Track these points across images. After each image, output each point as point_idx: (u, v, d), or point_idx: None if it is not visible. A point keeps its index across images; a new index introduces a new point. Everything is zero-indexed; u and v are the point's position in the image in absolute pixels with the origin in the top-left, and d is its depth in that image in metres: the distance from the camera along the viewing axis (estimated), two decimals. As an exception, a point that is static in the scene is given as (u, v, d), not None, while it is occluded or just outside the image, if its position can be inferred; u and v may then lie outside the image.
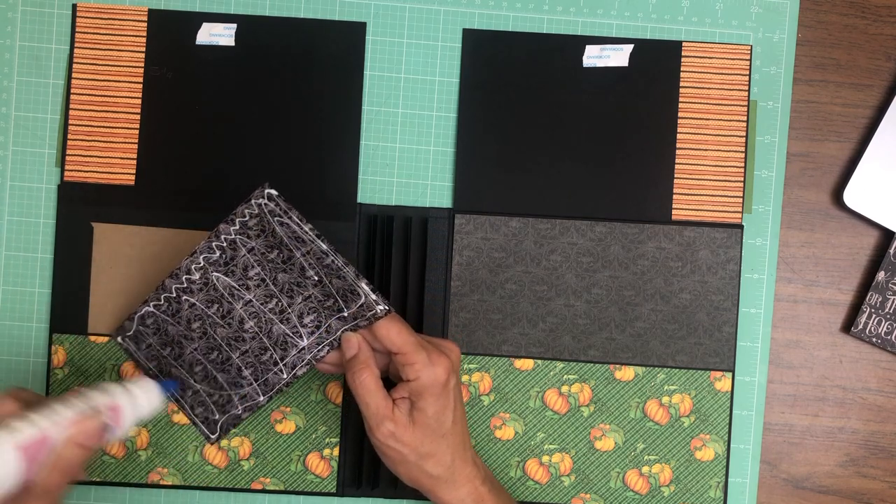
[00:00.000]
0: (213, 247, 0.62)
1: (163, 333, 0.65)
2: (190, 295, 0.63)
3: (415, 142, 0.72)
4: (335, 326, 0.62)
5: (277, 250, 0.62)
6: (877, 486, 0.73)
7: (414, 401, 0.60)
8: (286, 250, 0.61)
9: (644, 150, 0.72)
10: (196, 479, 0.71)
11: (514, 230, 0.71)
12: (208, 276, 0.63)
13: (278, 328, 0.63)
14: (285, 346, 0.63)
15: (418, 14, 0.72)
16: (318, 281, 0.61)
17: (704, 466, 0.72)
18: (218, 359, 0.64)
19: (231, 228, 0.62)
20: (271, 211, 0.61)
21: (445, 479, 0.62)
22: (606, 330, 0.72)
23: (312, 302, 0.62)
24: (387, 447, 0.60)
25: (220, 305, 0.63)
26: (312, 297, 0.62)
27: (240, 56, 0.71)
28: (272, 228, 0.61)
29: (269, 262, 0.62)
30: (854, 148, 0.74)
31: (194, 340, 0.64)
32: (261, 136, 0.71)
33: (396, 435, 0.60)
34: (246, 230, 0.62)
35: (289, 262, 0.62)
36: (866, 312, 0.72)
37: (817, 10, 0.74)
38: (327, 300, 0.62)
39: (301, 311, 0.62)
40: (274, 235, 0.61)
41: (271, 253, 0.62)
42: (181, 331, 0.64)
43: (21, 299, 0.71)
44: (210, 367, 0.64)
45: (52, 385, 0.70)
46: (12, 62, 0.71)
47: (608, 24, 0.73)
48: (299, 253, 0.61)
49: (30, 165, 0.71)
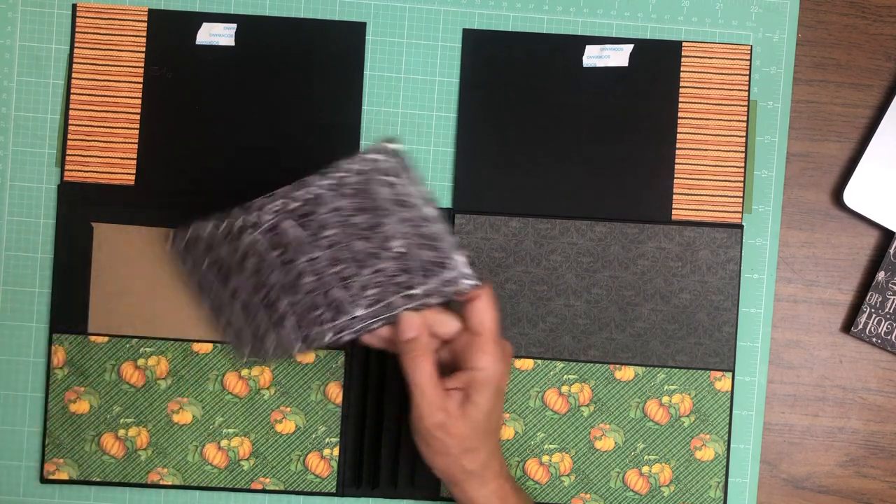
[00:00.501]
0: (295, 195, 0.58)
1: (213, 255, 0.61)
2: (254, 230, 0.59)
3: (415, 142, 0.72)
4: (397, 304, 0.59)
5: (367, 214, 0.58)
6: (877, 486, 0.73)
7: (470, 394, 0.58)
8: (378, 216, 0.58)
9: (644, 150, 0.72)
10: (196, 479, 0.71)
11: (514, 230, 0.71)
12: (280, 222, 0.59)
13: (337, 293, 0.60)
14: (338, 310, 0.60)
15: (418, 14, 0.72)
16: (403, 253, 0.58)
17: (704, 466, 0.72)
18: (264, 300, 0.61)
19: (322, 182, 0.58)
20: (385, 169, 0.57)
21: (478, 474, 0.60)
22: (606, 330, 0.72)
23: (381, 277, 0.59)
24: (433, 437, 0.58)
25: (283, 252, 0.59)
26: (384, 271, 0.59)
27: (240, 56, 0.71)
28: (374, 189, 0.57)
29: (349, 227, 0.59)
30: (854, 148, 0.74)
31: (244, 273, 0.60)
32: (261, 136, 0.71)
33: (447, 426, 0.58)
34: (340, 187, 0.58)
35: (373, 229, 0.58)
36: (866, 312, 0.72)
37: (817, 10, 0.74)
38: (399, 276, 0.59)
39: (365, 284, 0.59)
40: (372, 197, 0.58)
41: (357, 216, 0.58)
42: (234, 261, 0.61)
43: (21, 299, 0.71)
44: (253, 304, 0.61)
45: (52, 385, 0.70)
46: (12, 62, 0.71)
47: (608, 24, 0.73)
48: (393, 219, 0.58)
49: (30, 165, 0.71)
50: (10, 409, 0.71)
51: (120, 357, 0.71)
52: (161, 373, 0.71)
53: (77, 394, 0.70)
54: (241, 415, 0.71)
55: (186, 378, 0.71)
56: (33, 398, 0.71)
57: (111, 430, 0.71)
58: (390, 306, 0.59)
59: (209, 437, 0.71)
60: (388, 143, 0.57)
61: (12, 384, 0.71)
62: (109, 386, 0.71)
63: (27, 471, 0.71)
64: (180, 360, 0.71)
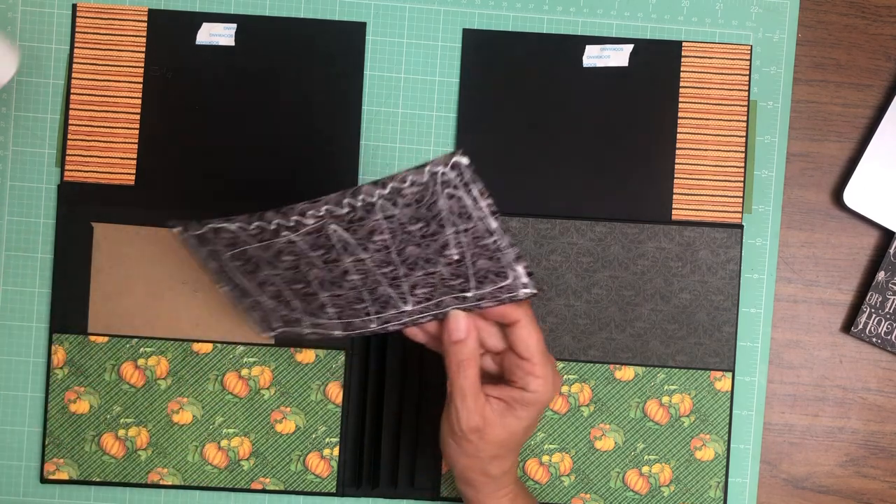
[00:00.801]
0: (344, 203, 0.53)
1: (238, 250, 0.56)
2: (292, 232, 0.54)
3: (415, 142, 0.72)
4: (448, 303, 0.57)
5: (424, 223, 0.54)
6: (877, 486, 0.73)
7: (514, 408, 0.58)
8: (436, 225, 0.54)
9: (644, 150, 0.72)
10: (196, 479, 0.71)
11: (514, 230, 0.71)
12: (324, 225, 0.54)
13: (384, 290, 0.57)
14: (385, 305, 0.57)
15: (418, 14, 0.72)
16: (458, 260, 0.56)
17: (704, 466, 0.72)
18: (301, 291, 0.57)
19: (376, 191, 0.52)
20: (447, 181, 0.53)
21: (497, 479, 0.60)
22: (606, 330, 0.72)
23: (434, 279, 0.57)
24: (467, 441, 0.58)
25: (326, 252, 0.55)
26: (437, 274, 0.56)
27: (240, 56, 0.71)
28: (434, 200, 0.53)
29: (404, 233, 0.54)
30: (854, 148, 0.74)
31: (277, 268, 0.56)
32: (261, 136, 0.71)
33: (483, 433, 0.57)
34: (396, 196, 0.53)
35: (431, 236, 0.55)
36: (866, 312, 0.72)
37: (817, 10, 0.74)
38: (452, 280, 0.56)
39: (416, 283, 0.56)
40: (430, 208, 0.53)
41: (413, 224, 0.54)
42: (265, 257, 0.56)
43: (21, 299, 0.71)
44: (288, 293, 0.57)
45: (52, 385, 0.70)
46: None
47: (608, 24, 0.73)
48: (453, 230, 0.54)
49: (30, 165, 0.71)
50: (10, 409, 0.71)
51: (120, 357, 0.71)
52: (161, 373, 0.71)
53: (77, 394, 0.70)
54: (241, 415, 0.71)
55: (186, 378, 0.71)
56: (33, 398, 0.71)
57: (111, 430, 0.71)
58: (440, 304, 0.57)
59: (209, 437, 0.71)
60: (452, 155, 0.53)
61: (12, 384, 0.71)
62: (109, 386, 0.71)
63: (27, 471, 0.71)
64: (180, 360, 0.71)
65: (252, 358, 0.71)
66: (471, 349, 0.57)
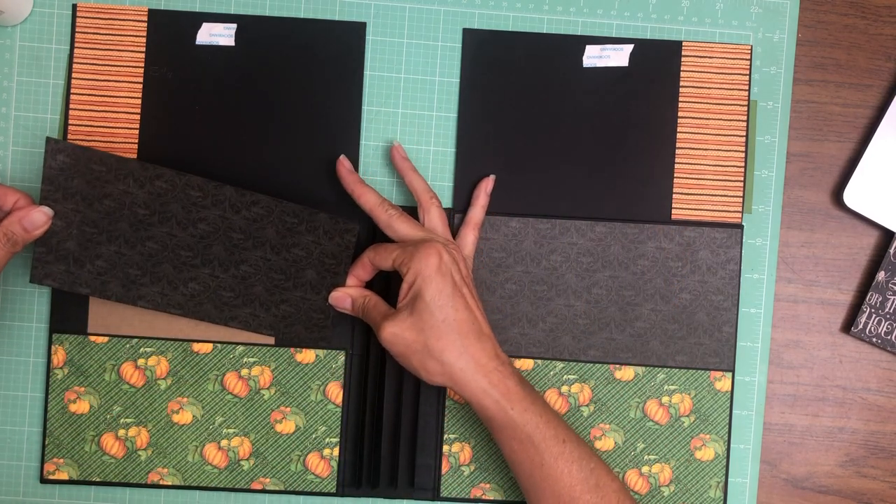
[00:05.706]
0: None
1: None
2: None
3: (415, 142, 0.72)
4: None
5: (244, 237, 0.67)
6: (877, 486, 0.73)
7: (415, 292, 0.63)
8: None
9: (644, 150, 0.72)
10: (196, 480, 0.71)
11: (514, 230, 0.71)
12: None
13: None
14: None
15: (418, 14, 0.72)
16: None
17: (704, 466, 0.72)
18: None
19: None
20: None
21: (461, 366, 0.62)
22: (606, 330, 0.72)
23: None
24: (391, 344, 0.63)
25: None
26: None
27: (240, 56, 0.71)
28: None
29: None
30: (854, 148, 0.74)
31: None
32: (261, 137, 0.71)
33: (396, 323, 0.63)
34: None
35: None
36: (866, 312, 0.72)
37: (817, 10, 0.74)
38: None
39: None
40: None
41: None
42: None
43: (21, 299, 0.71)
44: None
45: (52, 385, 0.70)
46: (12, 62, 0.71)
47: (608, 24, 0.73)
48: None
49: (30, 165, 0.71)
50: (10, 409, 0.71)
51: (120, 357, 0.71)
52: (161, 373, 0.71)
53: (77, 394, 0.70)
54: (241, 415, 0.71)
55: (186, 378, 0.71)
56: (33, 398, 0.71)
57: (111, 430, 0.71)
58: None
59: (209, 437, 0.71)
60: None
61: (12, 384, 0.71)
62: (109, 386, 0.71)
63: (27, 471, 0.71)
64: (180, 360, 0.71)
65: (252, 358, 0.71)
66: (359, 304, 0.67)
